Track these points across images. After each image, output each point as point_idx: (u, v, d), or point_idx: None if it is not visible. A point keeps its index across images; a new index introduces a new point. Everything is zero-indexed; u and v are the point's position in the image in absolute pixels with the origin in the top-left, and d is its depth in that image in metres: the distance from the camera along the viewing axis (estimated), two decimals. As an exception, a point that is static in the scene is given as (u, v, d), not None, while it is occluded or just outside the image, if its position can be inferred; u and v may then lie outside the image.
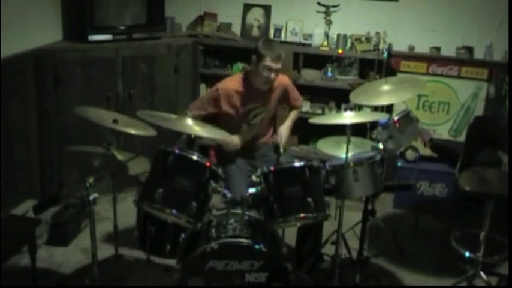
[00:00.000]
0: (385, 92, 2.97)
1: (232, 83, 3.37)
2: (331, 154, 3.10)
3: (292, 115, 3.60)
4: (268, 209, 2.71)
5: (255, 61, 3.23)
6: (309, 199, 2.67)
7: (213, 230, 2.65)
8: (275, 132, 3.59)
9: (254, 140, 3.49)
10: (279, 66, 3.22)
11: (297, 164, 2.75)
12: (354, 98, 3.04)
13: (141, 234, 2.97)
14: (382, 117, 3.12)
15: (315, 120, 2.92)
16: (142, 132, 2.82)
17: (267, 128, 3.58)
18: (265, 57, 3.17)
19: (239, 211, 2.71)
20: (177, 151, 2.63)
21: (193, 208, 2.59)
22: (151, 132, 2.83)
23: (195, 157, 2.65)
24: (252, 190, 2.69)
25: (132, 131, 2.78)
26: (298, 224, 2.90)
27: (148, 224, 2.87)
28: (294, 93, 3.57)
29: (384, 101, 3.14)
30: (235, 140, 3.30)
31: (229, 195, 2.67)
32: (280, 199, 2.70)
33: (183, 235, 2.81)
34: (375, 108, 4.30)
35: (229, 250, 2.57)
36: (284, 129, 3.47)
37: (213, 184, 2.65)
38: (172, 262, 2.86)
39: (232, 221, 2.70)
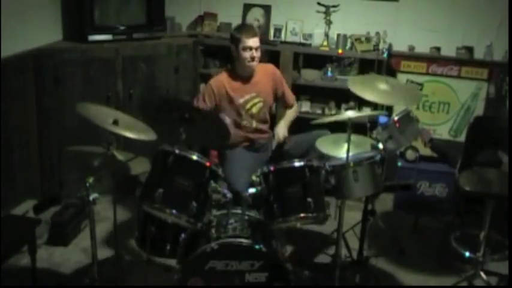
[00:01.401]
0: (382, 92, 2.97)
1: (222, 76, 3.49)
2: (330, 154, 3.10)
3: (288, 115, 3.66)
4: (268, 209, 2.71)
5: (235, 49, 3.36)
6: (309, 199, 2.66)
7: (213, 230, 2.65)
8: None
9: (256, 134, 3.54)
10: (257, 43, 3.34)
11: (297, 163, 2.75)
12: (352, 84, 3.03)
13: (141, 234, 2.97)
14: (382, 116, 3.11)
15: (317, 121, 2.92)
16: (143, 136, 2.80)
17: (266, 125, 3.62)
18: (241, 38, 3.32)
19: (239, 211, 2.71)
20: (177, 151, 2.63)
21: (193, 208, 2.59)
22: (151, 136, 2.82)
23: (195, 157, 2.65)
24: (252, 190, 2.70)
25: (132, 136, 2.76)
26: (299, 224, 2.90)
27: (148, 224, 2.86)
28: (284, 87, 3.65)
29: (376, 99, 3.08)
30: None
31: (229, 195, 2.67)
32: (280, 199, 2.70)
33: (183, 235, 2.81)
34: (375, 108, 4.31)
35: (229, 250, 2.57)
36: (279, 128, 3.54)
37: (213, 184, 2.64)
38: (172, 262, 2.86)
39: (232, 221, 2.70)
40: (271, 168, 2.72)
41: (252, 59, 3.35)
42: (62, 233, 3.62)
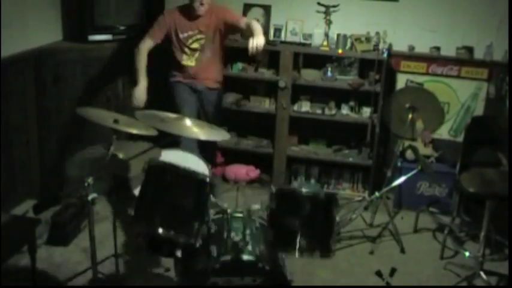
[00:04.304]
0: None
1: (174, 9, 3.96)
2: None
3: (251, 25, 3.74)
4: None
5: None
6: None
7: (213, 247, 2.54)
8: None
9: (198, 72, 3.94)
10: None
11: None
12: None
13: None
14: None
15: None
16: (143, 132, 2.81)
17: (209, 65, 3.96)
18: None
19: (240, 224, 2.62)
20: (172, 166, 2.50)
21: (193, 227, 2.45)
22: (151, 132, 2.82)
23: (191, 171, 2.51)
24: (256, 206, 2.65)
25: (133, 131, 2.77)
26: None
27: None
28: (233, 17, 3.90)
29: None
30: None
31: (229, 210, 2.59)
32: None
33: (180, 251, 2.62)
34: (375, 109, 4.30)
35: (231, 268, 2.47)
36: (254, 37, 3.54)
37: (212, 199, 2.58)
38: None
39: (233, 234, 2.58)
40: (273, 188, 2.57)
41: (201, 5, 3.77)
42: (62, 233, 3.62)
